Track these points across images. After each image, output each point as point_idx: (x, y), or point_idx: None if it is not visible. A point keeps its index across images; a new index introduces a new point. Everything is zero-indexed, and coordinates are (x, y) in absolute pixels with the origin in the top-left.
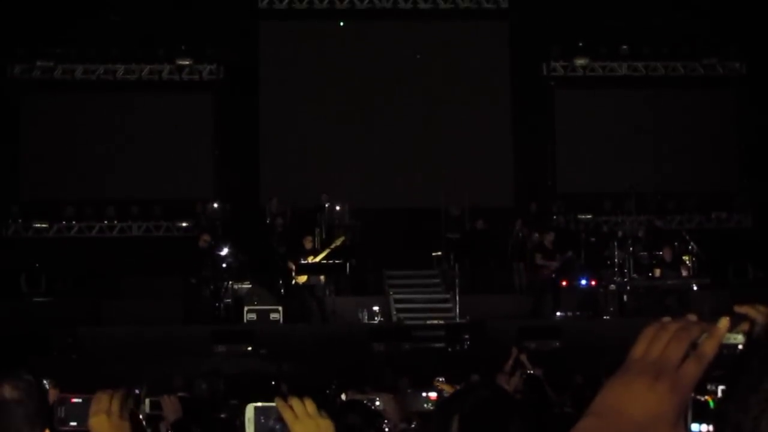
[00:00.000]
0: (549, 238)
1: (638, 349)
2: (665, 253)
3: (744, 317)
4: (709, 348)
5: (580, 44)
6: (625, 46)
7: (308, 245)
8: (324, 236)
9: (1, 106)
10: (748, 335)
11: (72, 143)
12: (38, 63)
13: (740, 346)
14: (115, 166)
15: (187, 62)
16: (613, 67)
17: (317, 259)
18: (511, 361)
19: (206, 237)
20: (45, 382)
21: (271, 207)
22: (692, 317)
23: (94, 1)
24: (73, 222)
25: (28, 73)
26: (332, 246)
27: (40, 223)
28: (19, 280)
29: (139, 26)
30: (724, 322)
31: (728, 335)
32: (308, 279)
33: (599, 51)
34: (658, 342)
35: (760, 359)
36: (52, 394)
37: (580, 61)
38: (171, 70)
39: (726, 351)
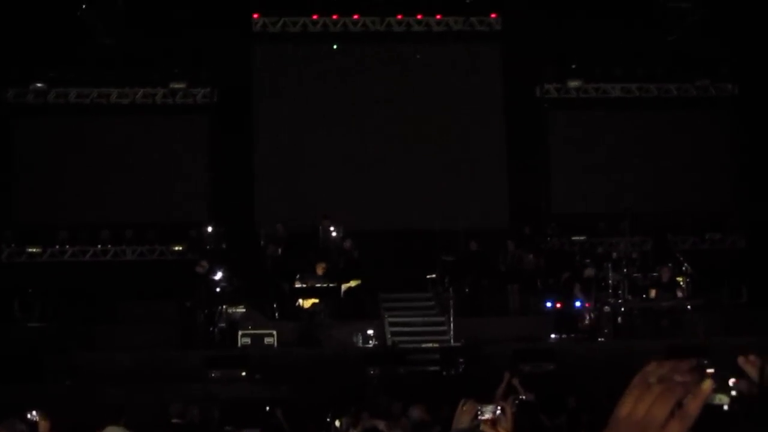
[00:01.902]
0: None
1: (624, 408)
2: (663, 274)
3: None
4: (693, 408)
5: (574, 66)
6: (618, 68)
7: (320, 271)
8: (325, 261)
9: None
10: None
11: (66, 167)
12: (32, 86)
13: (725, 407)
14: (109, 189)
15: (181, 86)
16: (606, 88)
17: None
18: (503, 386)
19: (204, 263)
20: (35, 413)
21: (277, 232)
22: (684, 367)
23: (88, 24)
24: (67, 246)
25: (22, 97)
26: (348, 285)
27: (34, 248)
28: (13, 305)
29: (133, 50)
30: (707, 384)
31: (713, 395)
32: (313, 304)
33: (593, 73)
34: (643, 401)
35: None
36: (43, 426)
37: (573, 83)
38: (165, 94)
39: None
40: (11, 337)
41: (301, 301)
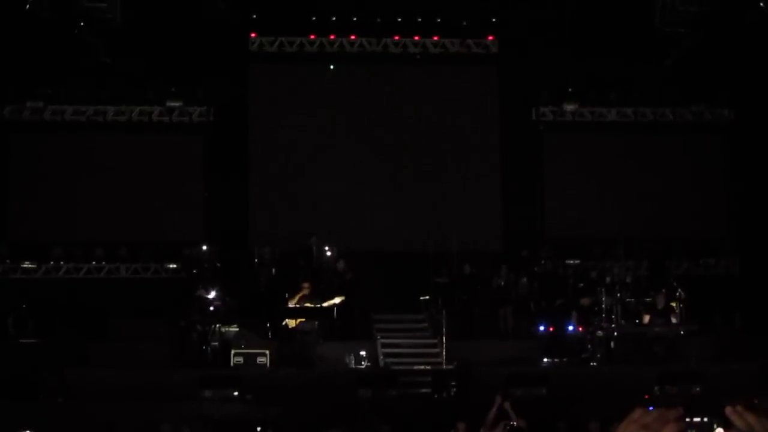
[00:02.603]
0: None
1: None
2: (658, 300)
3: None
4: None
5: (570, 90)
6: (613, 92)
7: (306, 291)
8: (314, 280)
9: None
10: None
11: (61, 184)
12: (28, 104)
13: None
14: (104, 207)
15: (178, 104)
16: (602, 112)
17: (294, 304)
18: (494, 410)
19: (203, 288)
20: None
21: (264, 254)
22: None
23: (85, 42)
24: (62, 263)
25: (18, 114)
26: (331, 303)
27: (29, 264)
28: (6, 321)
29: (129, 68)
30: None
31: None
32: (298, 324)
33: (588, 96)
34: None
35: None
36: None
37: (569, 107)
38: (161, 112)
39: None
40: (5, 353)
41: (288, 320)
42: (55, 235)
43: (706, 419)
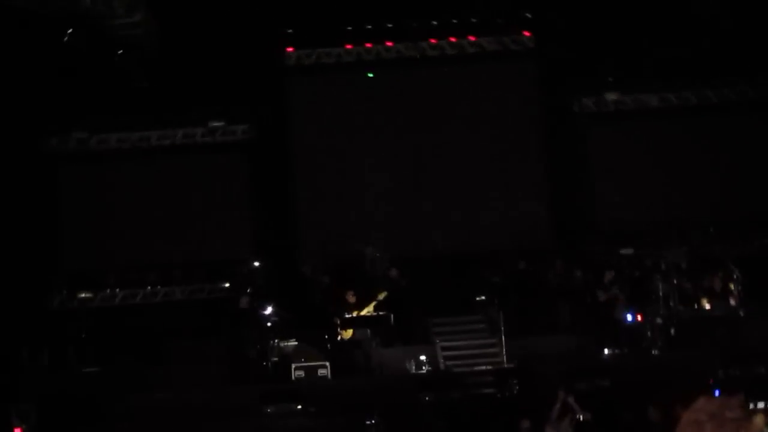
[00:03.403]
0: (608, 276)
1: None
2: (714, 282)
3: None
4: None
5: (610, 79)
6: (655, 78)
7: (351, 299)
8: (367, 289)
9: (39, 178)
10: None
11: (110, 211)
12: (73, 134)
13: None
14: (154, 231)
15: (220, 124)
16: (644, 99)
17: (362, 313)
18: (558, 406)
19: (245, 298)
20: None
21: (316, 266)
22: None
23: (124, 70)
24: (117, 290)
25: (64, 145)
26: (376, 300)
27: (85, 293)
28: (67, 352)
29: (169, 91)
30: (759, 419)
31: (766, 430)
32: (354, 333)
33: (629, 84)
34: None
35: None
36: None
37: (611, 96)
38: (204, 133)
39: None
40: (68, 383)
41: (341, 331)
42: (108, 263)
43: None
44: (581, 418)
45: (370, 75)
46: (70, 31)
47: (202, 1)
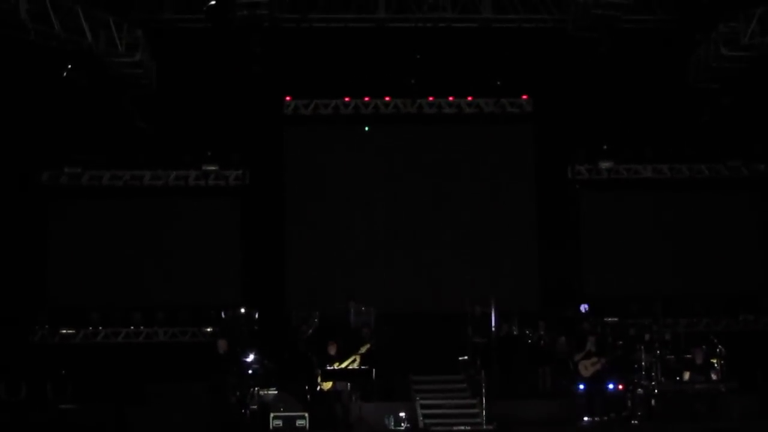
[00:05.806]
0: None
1: None
2: (696, 356)
3: None
4: None
5: (605, 147)
6: (649, 149)
7: (332, 351)
8: (349, 342)
9: (29, 212)
10: None
11: (99, 249)
12: (66, 169)
13: None
14: (141, 271)
15: (214, 168)
16: (637, 169)
17: (342, 366)
18: None
19: (223, 342)
20: None
21: (301, 317)
22: None
23: (121, 108)
24: (100, 328)
25: (56, 180)
26: (358, 353)
27: (67, 329)
28: (46, 387)
29: (165, 133)
30: None
31: None
32: (334, 385)
33: (624, 154)
34: None
35: None
36: None
37: (604, 164)
38: (197, 176)
39: None
40: (44, 419)
41: (322, 383)
42: (93, 301)
43: None
44: None
45: (367, 129)
46: (69, 66)
47: (203, 45)
